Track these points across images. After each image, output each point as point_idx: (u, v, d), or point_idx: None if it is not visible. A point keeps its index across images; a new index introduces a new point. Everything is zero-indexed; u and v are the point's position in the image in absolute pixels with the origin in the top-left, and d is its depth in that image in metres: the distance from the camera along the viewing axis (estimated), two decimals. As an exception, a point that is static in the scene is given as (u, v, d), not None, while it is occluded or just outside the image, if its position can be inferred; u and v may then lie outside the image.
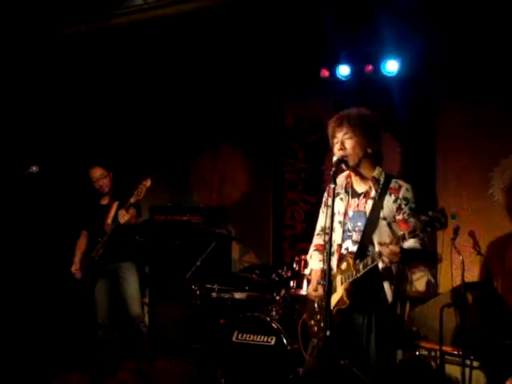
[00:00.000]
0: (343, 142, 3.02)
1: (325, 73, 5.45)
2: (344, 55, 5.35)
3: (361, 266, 2.91)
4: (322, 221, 3.33)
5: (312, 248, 3.38)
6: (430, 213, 2.61)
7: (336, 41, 5.05)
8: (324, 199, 3.31)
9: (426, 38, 4.90)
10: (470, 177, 5.05)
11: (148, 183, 4.57)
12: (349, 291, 2.97)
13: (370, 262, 2.87)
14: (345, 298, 2.97)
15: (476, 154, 5.03)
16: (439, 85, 5.17)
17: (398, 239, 2.74)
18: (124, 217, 4.59)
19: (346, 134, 3.02)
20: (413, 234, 2.67)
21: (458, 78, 5.06)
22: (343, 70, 5.37)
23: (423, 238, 2.76)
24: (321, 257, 3.28)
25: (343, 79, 5.42)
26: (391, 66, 5.13)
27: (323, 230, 3.30)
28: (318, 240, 3.36)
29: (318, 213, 3.40)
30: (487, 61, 4.91)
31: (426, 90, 5.23)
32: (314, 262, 3.30)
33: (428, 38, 4.87)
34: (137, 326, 4.84)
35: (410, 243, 2.81)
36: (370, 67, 5.23)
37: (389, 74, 5.19)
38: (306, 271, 3.37)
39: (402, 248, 2.75)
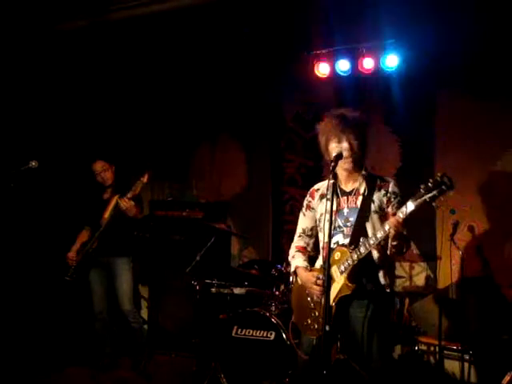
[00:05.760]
0: (349, 141, 3.08)
1: (324, 68, 5.43)
2: (343, 50, 5.34)
3: (362, 248, 2.92)
4: (303, 223, 3.39)
5: (294, 249, 3.39)
6: (431, 179, 2.63)
7: (335, 35, 5.04)
8: (306, 202, 3.36)
9: (426, 33, 4.88)
10: (469, 171, 5.03)
11: (145, 179, 4.61)
12: (351, 276, 2.98)
13: (373, 241, 2.89)
14: (348, 283, 2.97)
15: (476, 148, 5.02)
16: (440, 79, 5.16)
17: (402, 208, 2.76)
18: (126, 204, 4.59)
19: (350, 134, 3.09)
20: (419, 199, 2.67)
21: (458, 72, 5.05)
22: (343, 65, 5.35)
23: (429, 202, 2.69)
24: (304, 257, 3.33)
25: (343, 74, 5.40)
26: (391, 61, 5.12)
27: (304, 231, 3.37)
28: (299, 242, 3.39)
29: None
30: (488, 54, 4.89)
31: (426, 85, 5.22)
32: (299, 260, 3.32)
33: (428, 32, 4.86)
34: (129, 322, 4.86)
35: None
36: (369, 62, 5.21)
37: (388, 69, 5.18)
38: (291, 269, 3.36)
39: (404, 219, 2.77)
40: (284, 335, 4.22)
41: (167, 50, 5.60)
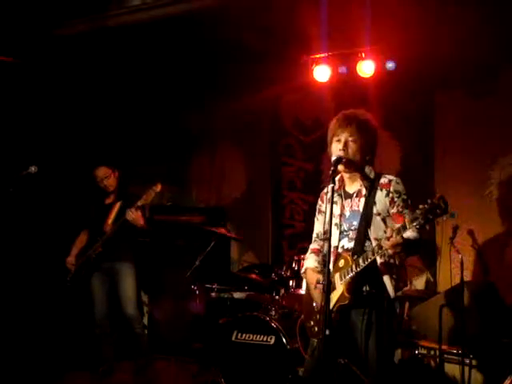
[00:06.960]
0: (347, 143, 3.03)
1: (323, 71, 5.44)
2: (342, 54, 5.34)
3: (360, 260, 2.89)
4: (316, 228, 3.36)
5: (308, 251, 3.39)
6: (429, 201, 2.60)
7: (334, 39, 5.05)
8: (318, 206, 3.33)
9: (423, 35, 4.89)
10: (468, 175, 5.04)
11: (158, 188, 4.62)
12: (349, 286, 2.96)
13: (370, 255, 2.86)
14: (346, 294, 2.95)
15: (475, 152, 5.03)
16: (438, 81, 5.17)
17: (399, 229, 2.72)
18: (132, 214, 4.60)
19: (351, 136, 3.02)
20: (414, 222, 2.63)
21: (456, 74, 5.06)
22: (341, 70, 5.35)
23: (423, 225, 2.66)
24: (316, 258, 3.31)
25: (341, 78, 5.41)
26: (389, 65, 5.13)
27: (318, 236, 3.35)
28: (314, 245, 3.38)
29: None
30: (487, 55, 4.89)
31: (425, 87, 5.23)
32: (310, 261, 3.31)
33: (426, 34, 4.86)
34: (132, 327, 4.84)
35: (409, 233, 2.79)
36: (368, 66, 5.22)
37: (386, 73, 5.18)
38: (302, 270, 3.38)
39: (403, 238, 2.72)
40: (284, 339, 4.22)
41: (167, 55, 5.61)
